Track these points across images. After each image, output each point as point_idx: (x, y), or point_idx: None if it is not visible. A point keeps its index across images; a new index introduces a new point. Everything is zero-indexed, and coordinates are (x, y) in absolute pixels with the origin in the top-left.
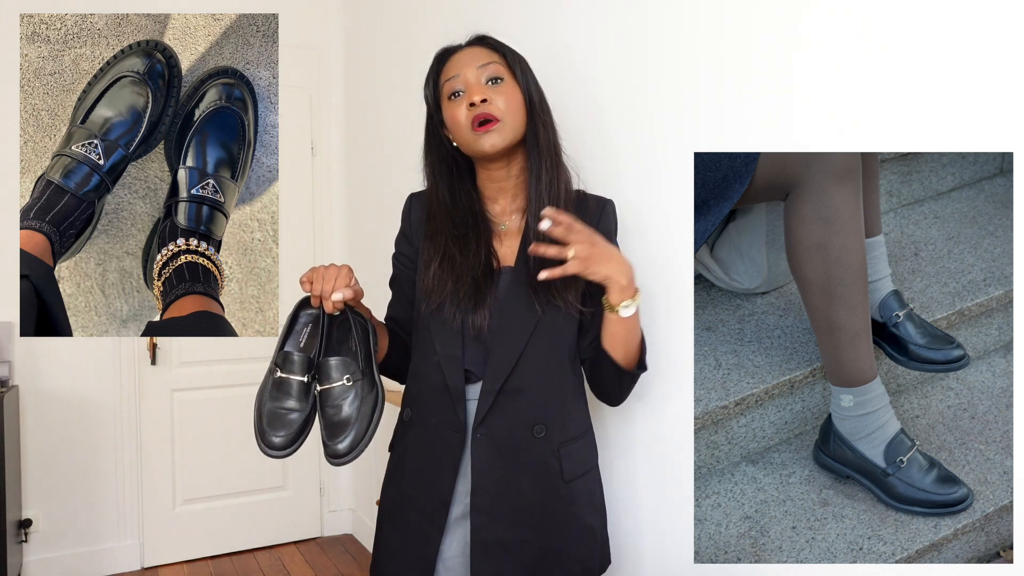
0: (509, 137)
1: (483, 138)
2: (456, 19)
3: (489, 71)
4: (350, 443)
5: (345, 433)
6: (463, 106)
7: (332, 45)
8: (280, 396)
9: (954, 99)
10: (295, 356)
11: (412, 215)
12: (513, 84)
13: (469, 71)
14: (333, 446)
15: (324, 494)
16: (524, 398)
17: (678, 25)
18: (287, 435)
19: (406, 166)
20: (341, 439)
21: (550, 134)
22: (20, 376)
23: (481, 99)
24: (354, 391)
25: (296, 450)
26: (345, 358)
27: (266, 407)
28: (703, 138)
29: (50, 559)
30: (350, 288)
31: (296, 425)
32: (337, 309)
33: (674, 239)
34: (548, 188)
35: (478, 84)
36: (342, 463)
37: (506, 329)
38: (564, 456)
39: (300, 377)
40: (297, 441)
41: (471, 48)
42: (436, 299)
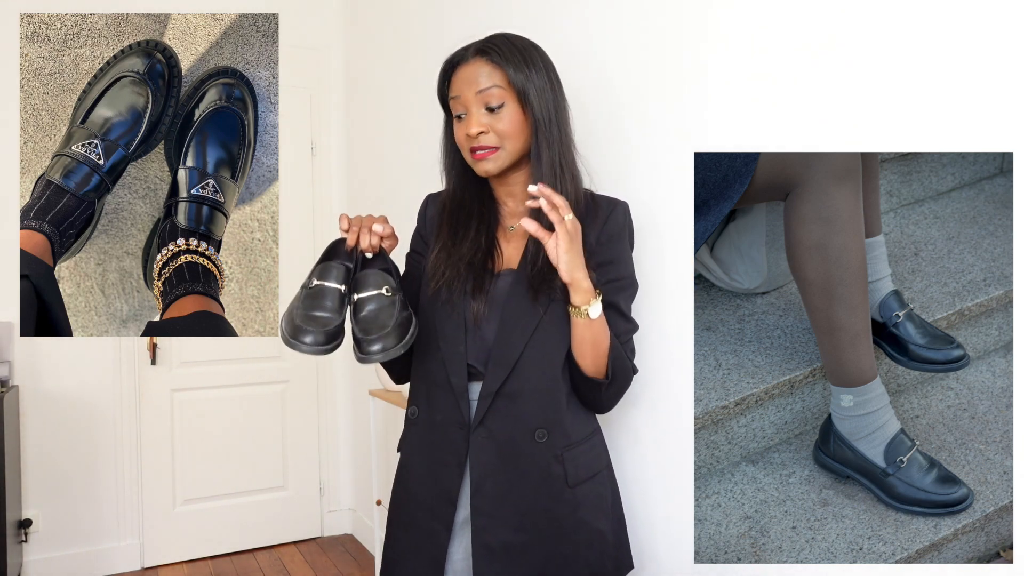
0: (505, 162)
1: (478, 165)
2: (456, 19)
3: (487, 98)
4: (382, 346)
5: (381, 332)
6: (463, 131)
7: (332, 45)
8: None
9: (954, 99)
10: (334, 266)
11: (427, 214)
12: (515, 106)
13: (469, 94)
14: (366, 343)
15: (324, 494)
16: (524, 401)
17: (678, 25)
18: (321, 332)
19: (406, 166)
20: (375, 338)
21: (556, 150)
22: (20, 376)
23: (478, 132)
24: (390, 302)
25: (331, 350)
26: (383, 272)
27: (298, 312)
28: (703, 138)
29: (50, 559)
30: (389, 226)
31: (332, 325)
32: (374, 248)
33: (674, 239)
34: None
35: (476, 113)
36: (370, 361)
37: (505, 330)
38: (568, 461)
39: (337, 285)
40: (331, 342)
41: (475, 63)
42: (434, 283)
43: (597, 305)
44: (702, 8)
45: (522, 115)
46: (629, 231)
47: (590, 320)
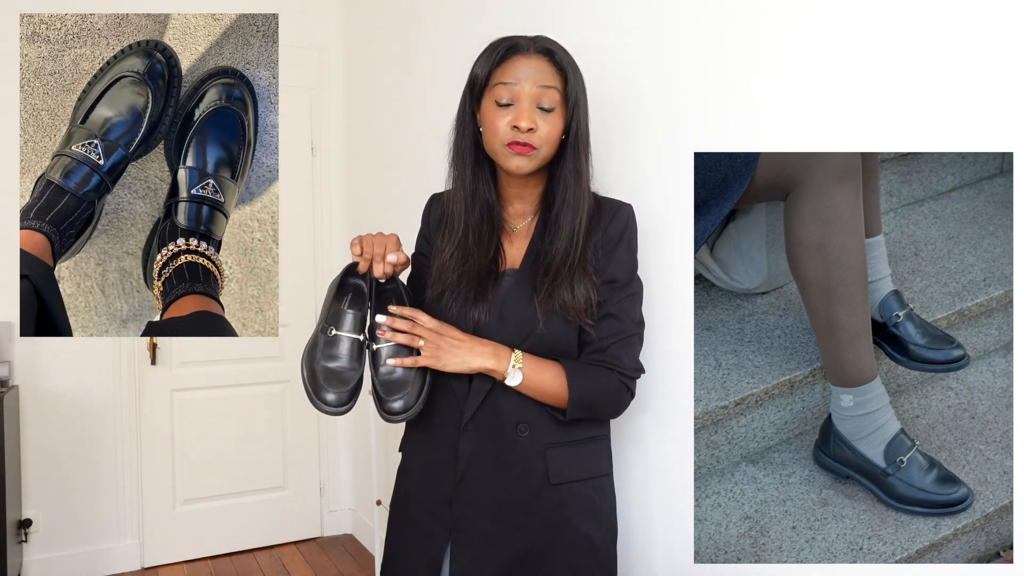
0: (538, 164)
1: (513, 159)
2: (456, 19)
3: (545, 97)
4: (406, 402)
5: (402, 392)
6: (506, 119)
7: (332, 45)
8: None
9: (954, 99)
10: (348, 315)
11: (431, 215)
12: (561, 113)
13: (527, 86)
14: (390, 403)
15: (324, 494)
16: (512, 396)
17: (679, 25)
18: (343, 392)
19: (406, 166)
20: (398, 397)
21: (581, 160)
22: (20, 376)
23: (528, 127)
24: (407, 350)
25: (351, 408)
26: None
27: (319, 365)
28: (703, 138)
29: (50, 559)
30: (402, 252)
31: (352, 383)
32: (387, 275)
33: (674, 239)
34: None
35: (531, 107)
36: (397, 421)
37: (504, 329)
38: (551, 458)
39: (354, 335)
40: (352, 399)
41: (538, 58)
42: (439, 287)
43: (516, 375)
44: (702, 8)
45: (562, 126)
46: (631, 234)
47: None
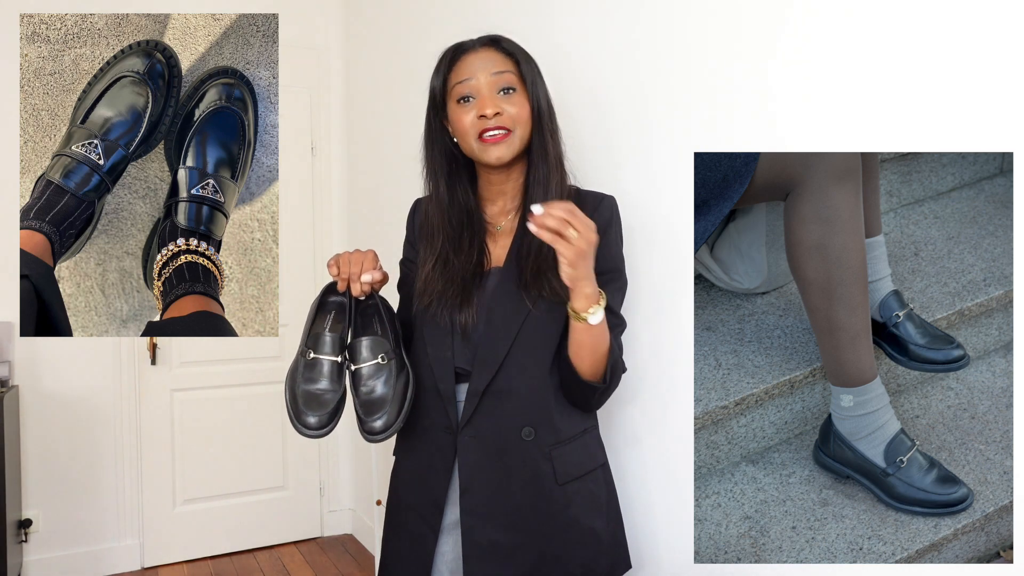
0: (516, 149)
1: (490, 149)
2: (456, 19)
3: (502, 80)
4: (386, 421)
5: (382, 411)
6: (471, 113)
7: (332, 45)
8: (313, 377)
9: (954, 99)
10: (327, 337)
11: (416, 220)
12: (523, 94)
13: (482, 76)
14: (370, 423)
15: (324, 494)
16: (511, 399)
17: (679, 25)
18: (323, 414)
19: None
20: (377, 417)
21: (556, 143)
22: (20, 376)
23: (494, 112)
24: (387, 370)
25: (332, 430)
26: (376, 338)
27: (300, 388)
28: (703, 138)
29: (50, 559)
30: (378, 271)
31: (331, 405)
32: (364, 293)
33: (674, 239)
34: (546, 195)
35: (491, 94)
36: (378, 440)
37: (492, 329)
38: (556, 458)
39: (333, 358)
40: (332, 421)
41: (485, 50)
42: (426, 298)
43: (599, 312)
44: (702, 8)
45: (528, 105)
46: (616, 225)
47: (589, 325)
